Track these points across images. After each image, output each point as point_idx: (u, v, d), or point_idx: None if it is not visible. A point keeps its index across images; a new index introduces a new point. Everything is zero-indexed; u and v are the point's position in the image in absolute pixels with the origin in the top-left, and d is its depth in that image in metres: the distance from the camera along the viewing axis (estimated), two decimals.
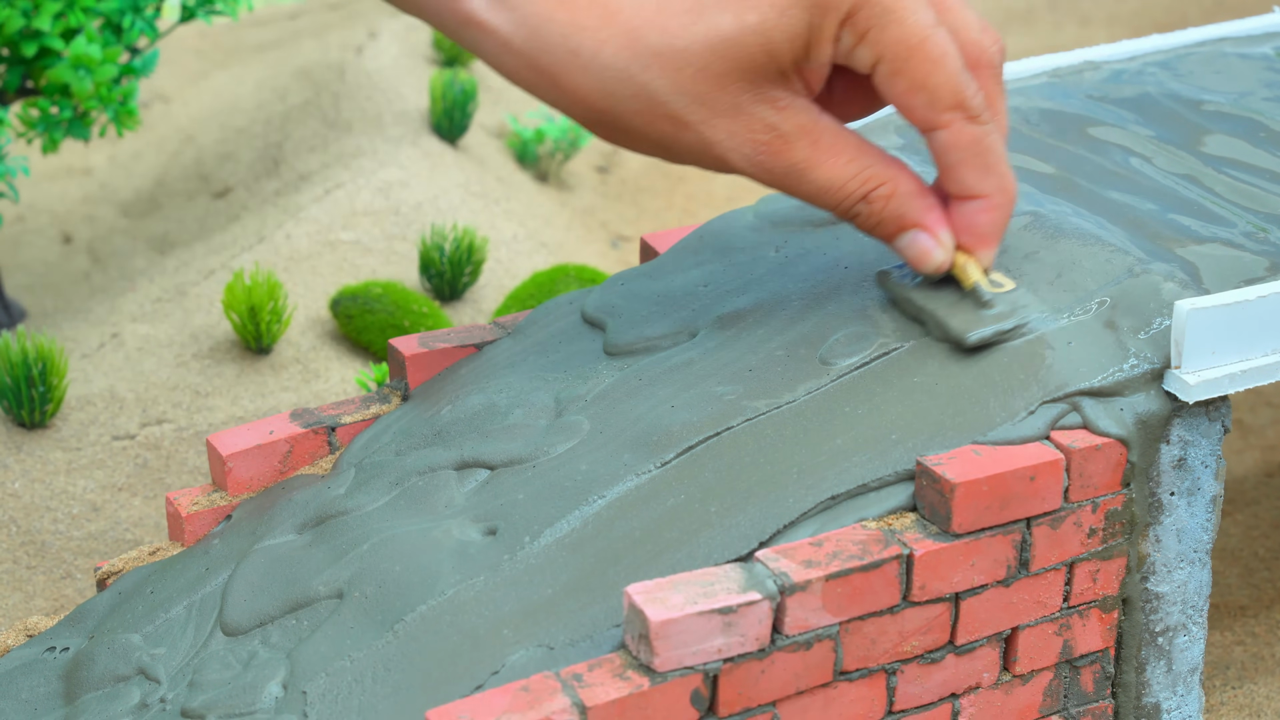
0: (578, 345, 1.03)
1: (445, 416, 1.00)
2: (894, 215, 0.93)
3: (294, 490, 1.00)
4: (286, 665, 0.90)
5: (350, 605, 0.91)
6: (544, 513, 0.92)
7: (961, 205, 0.94)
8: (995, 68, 0.94)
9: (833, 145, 0.92)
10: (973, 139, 0.92)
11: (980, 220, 0.94)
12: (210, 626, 0.94)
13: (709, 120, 0.91)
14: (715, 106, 0.91)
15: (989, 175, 0.93)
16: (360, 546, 0.94)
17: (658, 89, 0.91)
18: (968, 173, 0.93)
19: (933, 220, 0.94)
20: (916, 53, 0.90)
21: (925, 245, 0.94)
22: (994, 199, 0.93)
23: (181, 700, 0.90)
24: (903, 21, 0.90)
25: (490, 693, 0.82)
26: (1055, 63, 1.21)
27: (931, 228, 0.94)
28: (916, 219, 0.94)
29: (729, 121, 0.91)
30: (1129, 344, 0.92)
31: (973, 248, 0.94)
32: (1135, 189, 1.06)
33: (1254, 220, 1.02)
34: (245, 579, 0.95)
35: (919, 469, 0.89)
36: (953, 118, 0.91)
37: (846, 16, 0.90)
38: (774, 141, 0.92)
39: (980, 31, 0.94)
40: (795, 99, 0.92)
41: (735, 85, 0.91)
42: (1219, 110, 1.15)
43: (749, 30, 0.90)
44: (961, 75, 0.91)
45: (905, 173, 0.94)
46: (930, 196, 0.94)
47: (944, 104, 0.91)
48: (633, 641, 0.83)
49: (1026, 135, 1.12)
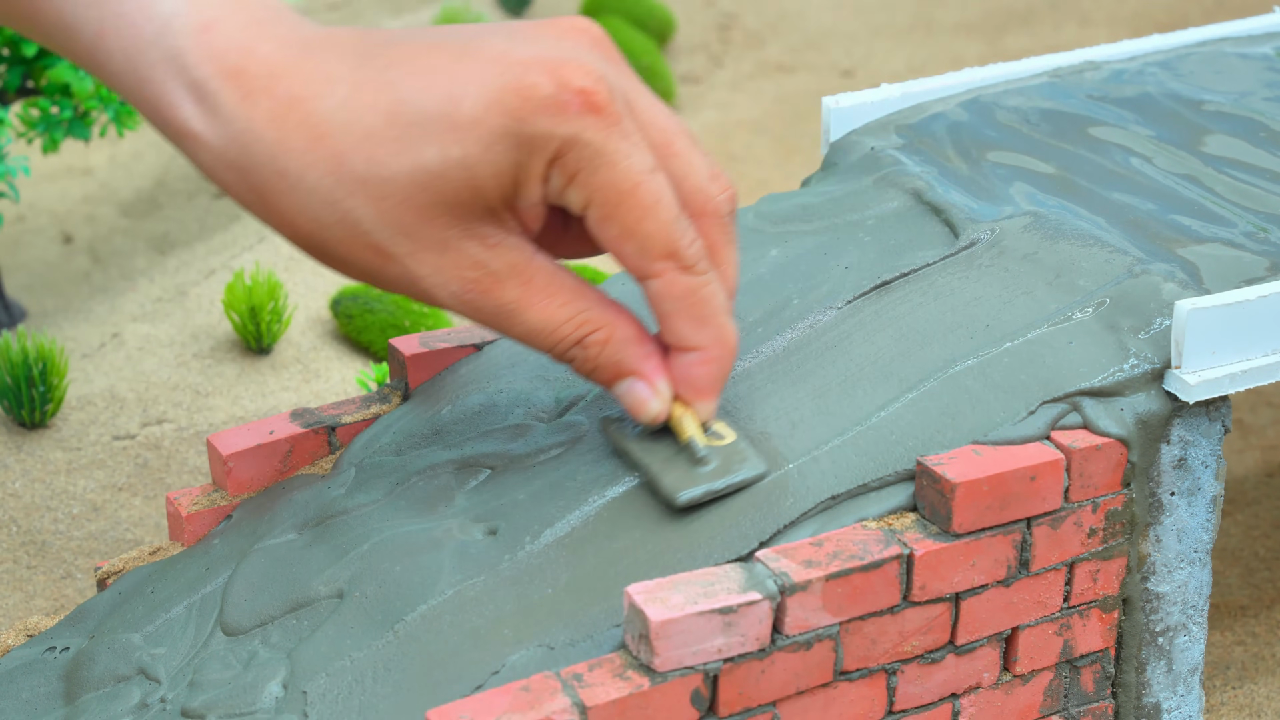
0: None
1: (446, 416, 1.00)
2: (610, 362, 0.90)
3: (294, 490, 1.00)
4: (287, 665, 0.90)
5: (350, 605, 0.91)
6: (544, 513, 0.92)
7: (679, 356, 0.90)
8: (721, 216, 0.90)
9: (547, 286, 0.89)
10: (686, 290, 0.88)
11: (696, 373, 0.90)
12: (210, 626, 0.94)
13: (414, 254, 0.87)
14: (420, 239, 0.87)
15: (705, 327, 0.89)
16: (360, 546, 0.94)
17: (361, 217, 0.87)
18: (682, 324, 0.89)
19: (649, 369, 0.90)
20: (627, 199, 0.86)
21: (641, 395, 0.91)
22: (710, 351, 0.90)
23: (182, 700, 0.90)
24: (614, 165, 0.86)
25: (490, 693, 0.82)
26: (1055, 62, 1.21)
27: (648, 376, 0.90)
28: (633, 367, 0.90)
29: (436, 256, 0.87)
30: (1129, 344, 0.92)
31: (690, 399, 0.91)
32: (1135, 189, 1.06)
33: (1254, 220, 1.02)
34: (245, 579, 0.95)
35: (919, 469, 0.89)
36: (665, 267, 0.88)
37: (555, 156, 0.86)
38: (483, 280, 0.88)
39: (709, 179, 0.90)
40: (508, 237, 0.88)
41: (441, 219, 0.87)
42: (1219, 110, 1.15)
43: (453, 164, 0.85)
44: (676, 224, 0.87)
45: (624, 318, 0.90)
46: (649, 344, 0.91)
47: (655, 253, 0.87)
48: (633, 641, 0.83)
49: (1026, 135, 1.12)
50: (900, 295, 0.99)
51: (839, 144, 1.13)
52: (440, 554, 0.92)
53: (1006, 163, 1.08)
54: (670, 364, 0.91)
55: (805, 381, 0.96)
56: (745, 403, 0.95)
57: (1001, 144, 1.12)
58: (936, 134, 1.13)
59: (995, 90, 1.18)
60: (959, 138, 1.12)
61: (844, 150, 1.12)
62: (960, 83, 1.18)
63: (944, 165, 1.09)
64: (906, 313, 0.98)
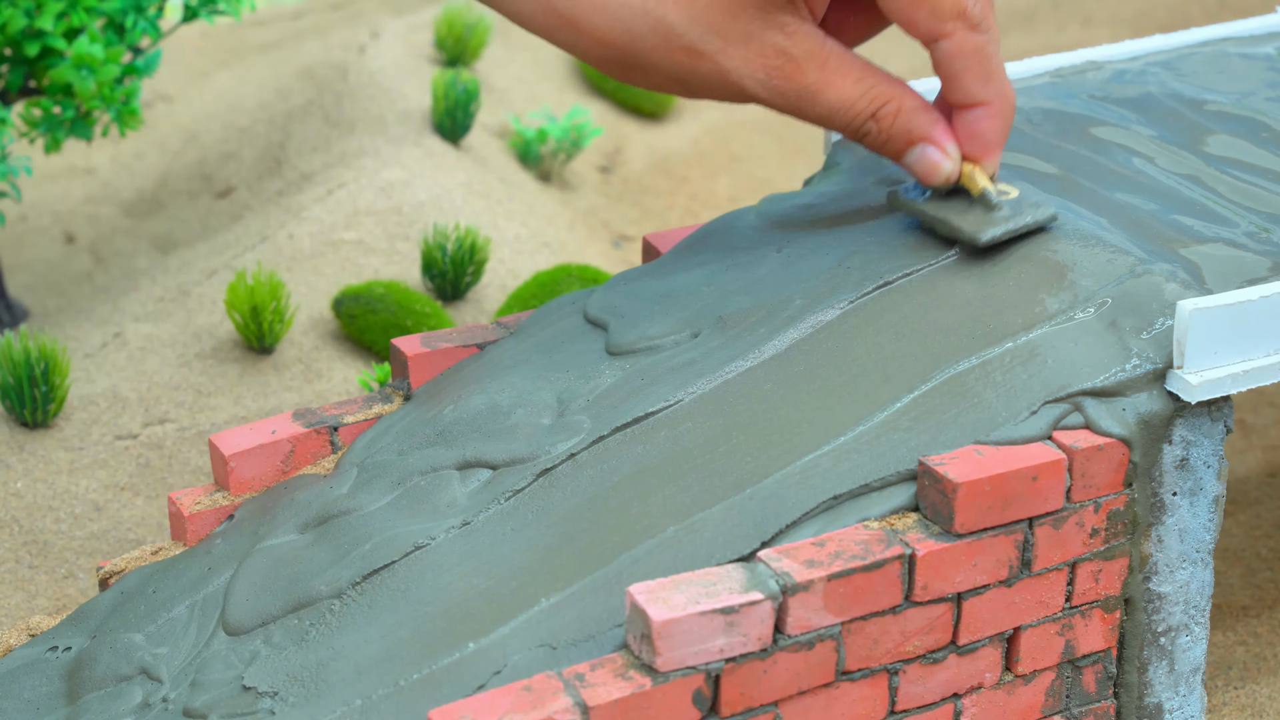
0: (580, 345, 1.03)
1: (448, 416, 1.00)
2: (902, 130, 0.98)
3: (296, 490, 1.00)
4: (288, 665, 0.90)
5: (352, 605, 0.91)
6: (550, 503, 0.92)
7: (964, 114, 0.98)
8: None
9: (840, 67, 0.97)
10: (975, 47, 0.95)
11: (983, 127, 0.97)
12: (213, 626, 0.94)
13: (724, 49, 0.96)
14: (729, 35, 0.95)
15: (990, 82, 0.96)
16: (362, 546, 0.94)
17: (674, 21, 0.95)
18: (971, 80, 0.96)
19: (939, 133, 0.98)
20: None
21: (934, 158, 0.98)
22: (995, 105, 0.97)
23: (184, 700, 0.90)
24: None
25: (493, 692, 0.82)
26: (1058, 63, 1.21)
27: (938, 140, 0.98)
28: (924, 133, 0.98)
29: (742, 49, 0.95)
30: (1131, 344, 0.92)
31: (978, 156, 0.98)
32: (1137, 189, 1.06)
33: (1256, 220, 1.02)
34: (247, 579, 0.95)
35: (921, 469, 0.89)
36: (955, 26, 0.95)
37: None
38: (785, 66, 0.96)
39: None
40: (803, 25, 0.96)
41: (746, 13, 0.95)
42: (1221, 110, 1.15)
43: None
44: None
45: (909, 91, 0.98)
46: (935, 112, 0.98)
47: (946, 13, 0.94)
48: (635, 641, 0.83)
49: (1029, 135, 1.12)
50: (903, 295, 0.99)
51: (841, 144, 1.13)
52: (442, 554, 0.92)
53: (1008, 162, 1.08)
54: (955, 125, 0.98)
55: (807, 381, 0.96)
56: (746, 402, 0.95)
57: None
58: None
59: None
60: None
61: (846, 150, 1.12)
62: None
63: None
64: (909, 313, 0.98)
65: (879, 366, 0.95)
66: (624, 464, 0.94)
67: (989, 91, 0.97)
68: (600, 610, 0.88)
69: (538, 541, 0.92)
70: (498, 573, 0.91)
